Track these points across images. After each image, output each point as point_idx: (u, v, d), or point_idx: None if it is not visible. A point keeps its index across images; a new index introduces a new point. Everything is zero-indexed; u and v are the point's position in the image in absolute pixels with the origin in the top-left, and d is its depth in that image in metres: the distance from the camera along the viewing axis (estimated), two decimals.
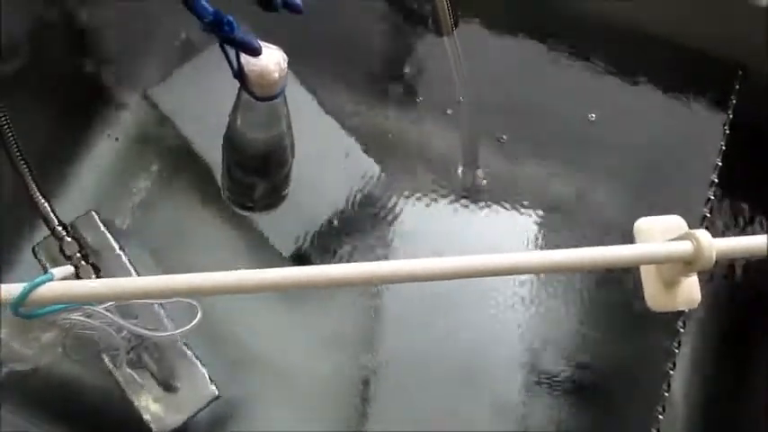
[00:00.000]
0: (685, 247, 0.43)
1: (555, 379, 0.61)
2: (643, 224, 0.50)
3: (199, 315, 0.46)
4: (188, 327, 0.46)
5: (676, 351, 0.53)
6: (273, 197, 0.60)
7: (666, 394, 0.52)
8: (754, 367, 0.61)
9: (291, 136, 0.52)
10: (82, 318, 0.43)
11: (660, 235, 0.47)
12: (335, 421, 0.60)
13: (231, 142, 0.52)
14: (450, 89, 0.67)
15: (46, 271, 0.58)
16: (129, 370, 0.53)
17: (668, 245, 0.44)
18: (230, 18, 0.40)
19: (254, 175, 0.54)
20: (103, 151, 0.68)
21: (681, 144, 0.65)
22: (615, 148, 0.67)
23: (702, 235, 0.43)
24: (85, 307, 0.44)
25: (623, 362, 0.63)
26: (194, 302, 0.47)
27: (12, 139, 0.52)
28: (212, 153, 0.63)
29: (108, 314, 0.44)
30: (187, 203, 0.66)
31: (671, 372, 0.52)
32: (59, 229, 0.56)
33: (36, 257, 0.58)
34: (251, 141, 0.50)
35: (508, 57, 0.68)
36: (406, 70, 0.70)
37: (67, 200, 0.65)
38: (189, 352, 0.56)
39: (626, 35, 0.64)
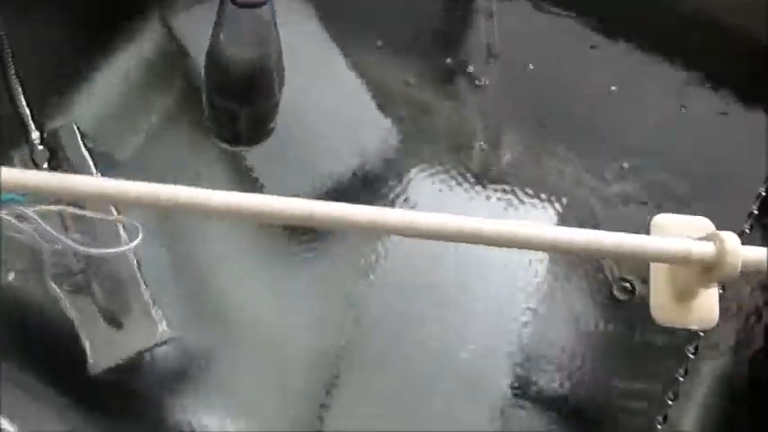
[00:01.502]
0: (707, 248, 0.36)
1: (545, 399, 0.55)
2: (662, 220, 0.43)
3: (140, 236, 0.42)
4: (126, 247, 0.42)
5: (681, 379, 0.45)
6: (258, 130, 0.55)
7: (660, 426, 0.44)
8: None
9: (281, 62, 0.47)
10: (8, 216, 0.39)
11: (680, 234, 0.40)
12: (297, 393, 0.56)
13: (212, 61, 0.47)
14: (482, 61, 0.62)
15: None
16: (71, 294, 0.49)
17: (687, 242, 0.37)
18: None
19: (235, 101, 0.50)
20: (115, 76, 0.64)
21: (729, 154, 0.59)
22: (659, 153, 0.61)
23: (728, 237, 0.36)
24: (15, 206, 0.40)
25: (623, 388, 0.55)
26: (137, 224, 0.42)
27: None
28: None
29: (35, 216, 0.39)
30: (192, 142, 0.62)
31: (669, 402, 0.45)
32: (33, 135, 0.53)
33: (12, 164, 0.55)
34: (232, 59, 0.45)
35: (550, 34, 0.63)
36: (438, 33, 0.65)
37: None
38: (145, 289, 0.53)
39: (677, 30, 0.58)
